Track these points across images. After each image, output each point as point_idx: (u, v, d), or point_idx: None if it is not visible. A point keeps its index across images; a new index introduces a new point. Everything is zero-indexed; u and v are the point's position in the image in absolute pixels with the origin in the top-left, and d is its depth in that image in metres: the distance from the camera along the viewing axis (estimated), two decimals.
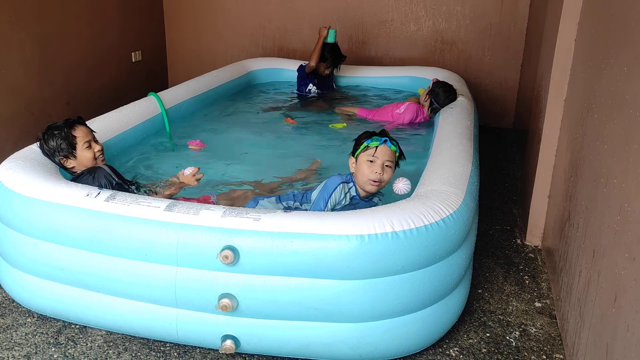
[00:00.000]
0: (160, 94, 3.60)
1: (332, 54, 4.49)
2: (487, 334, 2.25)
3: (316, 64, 4.46)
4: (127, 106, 3.31)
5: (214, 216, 1.89)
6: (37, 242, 2.07)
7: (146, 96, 3.55)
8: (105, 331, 2.21)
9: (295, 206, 2.41)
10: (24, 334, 2.21)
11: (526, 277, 2.69)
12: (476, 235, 2.37)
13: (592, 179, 1.99)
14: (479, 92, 4.94)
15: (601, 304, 1.72)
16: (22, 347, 2.13)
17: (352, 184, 2.31)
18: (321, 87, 4.63)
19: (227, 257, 1.80)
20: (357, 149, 2.30)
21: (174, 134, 3.52)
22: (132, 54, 5.16)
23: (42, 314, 2.29)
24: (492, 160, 4.23)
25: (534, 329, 2.30)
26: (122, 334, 2.19)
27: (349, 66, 4.85)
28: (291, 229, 1.83)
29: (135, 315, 2.03)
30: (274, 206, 2.41)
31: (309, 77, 4.58)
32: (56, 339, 2.18)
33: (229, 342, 1.93)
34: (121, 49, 4.99)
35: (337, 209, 2.25)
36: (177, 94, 3.82)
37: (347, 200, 2.28)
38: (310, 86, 4.60)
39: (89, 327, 2.23)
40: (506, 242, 3.04)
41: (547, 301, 2.49)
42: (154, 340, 2.16)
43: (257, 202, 2.46)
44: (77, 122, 2.45)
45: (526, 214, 3.04)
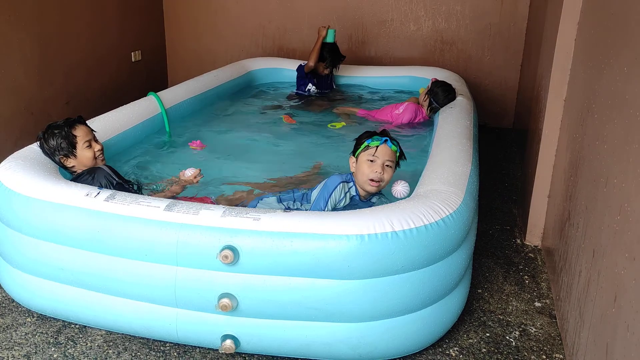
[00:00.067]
0: (160, 94, 3.60)
1: (331, 54, 4.49)
2: (487, 334, 2.25)
3: (315, 64, 4.46)
4: (127, 106, 3.31)
5: (213, 216, 1.88)
6: (37, 242, 2.06)
7: (146, 96, 3.55)
8: (105, 331, 2.21)
9: (295, 206, 2.41)
10: (23, 334, 2.20)
11: (526, 277, 2.69)
12: (476, 235, 2.37)
13: (592, 179, 1.99)
14: (478, 92, 4.93)
15: (601, 303, 1.72)
16: (22, 347, 2.13)
17: (352, 183, 2.31)
18: (320, 87, 4.62)
19: (226, 257, 1.80)
20: (357, 148, 2.30)
21: (174, 133, 3.52)
22: (132, 53, 5.16)
23: (41, 314, 2.29)
24: (492, 160, 4.23)
25: (534, 329, 2.30)
26: (122, 334, 2.19)
27: (348, 66, 4.85)
28: (291, 228, 1.83)
29: (135, 315, 2.03)
30: (274, 206, 2.41)
31: (308, 77, 4.57)
32: (56, 338, 2.18)
33: (228, 342, 1.93)
34: (121, 48, 4.99)
35: (337, 208, 2.25)
36: (177, 94, 3.82)
37: (347, 200, 2.28)
38: (309, 86, 4.59)
39: (89, 327, 2.23)
40: (506, 242, 3.04)
41: (547, 301, 2.49)
42: (154, 340, 2.16)
43: (257, 202, 2.46)
44: (78, 122, 2.45)
45: (526, 214, 3.04)
